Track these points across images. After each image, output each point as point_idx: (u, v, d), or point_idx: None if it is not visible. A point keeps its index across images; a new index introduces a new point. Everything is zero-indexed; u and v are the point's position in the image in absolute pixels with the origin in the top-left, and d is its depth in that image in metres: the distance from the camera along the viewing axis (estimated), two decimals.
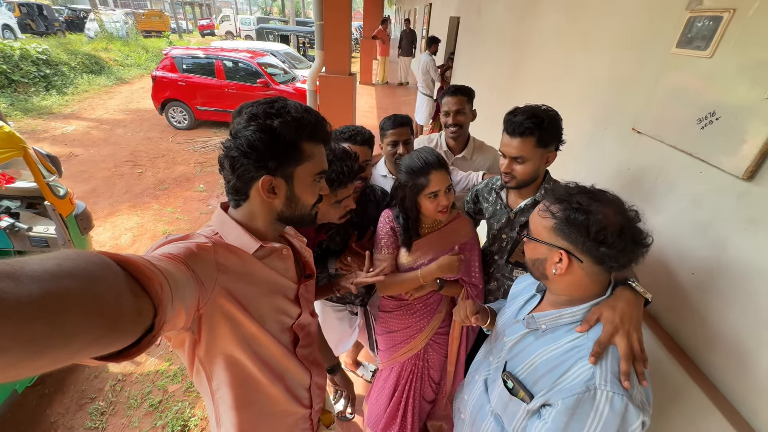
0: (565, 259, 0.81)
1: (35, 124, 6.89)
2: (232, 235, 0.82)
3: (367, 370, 2.40)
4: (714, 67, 1.11)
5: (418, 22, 12.18)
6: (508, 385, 0.88)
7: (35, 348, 0.33)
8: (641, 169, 1.42)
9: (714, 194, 1.11)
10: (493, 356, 1.04)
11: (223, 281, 0.75)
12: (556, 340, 0.85)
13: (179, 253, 0.66)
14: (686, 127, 1.19)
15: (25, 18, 14.58)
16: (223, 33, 22.40)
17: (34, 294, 0.33)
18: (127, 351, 0.46)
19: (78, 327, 0.37)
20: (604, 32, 1.77)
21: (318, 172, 0.85)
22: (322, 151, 0.86)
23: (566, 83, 2.09)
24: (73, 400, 2.20)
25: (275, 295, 0.89)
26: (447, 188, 1.27)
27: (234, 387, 0.86)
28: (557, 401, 0.76)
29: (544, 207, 0.86)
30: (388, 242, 1.39)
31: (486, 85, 3.76)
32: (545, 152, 1.27)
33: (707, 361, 1.10)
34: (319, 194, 0.88)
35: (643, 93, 1.43)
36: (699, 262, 1.14)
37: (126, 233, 3.88)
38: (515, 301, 1.09)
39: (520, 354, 0.91)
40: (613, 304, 0.83)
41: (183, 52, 6.92)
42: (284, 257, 0.92)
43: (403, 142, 1.69)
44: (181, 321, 0.62)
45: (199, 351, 0.80)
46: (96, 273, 0.41)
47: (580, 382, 0.75)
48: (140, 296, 0.46)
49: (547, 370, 0.82)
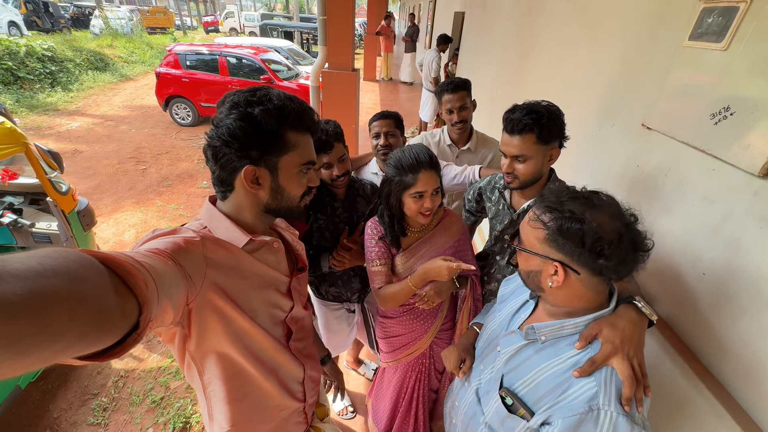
0: (560, 272, 0.75)
1: (40, 121, 6.92)
2: (220, 228, 0.81)
3: (369, 369, 2.39)
4: (728, 60, 1.07)
5: (423, 18, 12.08)
6: (506, 402, 0.83)
7: (19, 347, 0.33)
8: (650, 166, 1.38)
9: (727, 192, 1.07)
10: (485, 365, 0.97)
11: (213, 276, 0.74)
12: (558, 354, 0.79)
13: (166, 248, 0.64)
14: (699, 123, 1.15)
15: (31, 15, 14.65)
16: (227, 29, 22.38)
17: (17, 292, 0.32)
18: (111, 350, 0.45)
19: (62, 326, 0.36)
20: (612, 24, 1.72)
21: (304, 163, 0.81)
22: (309, 141, 0.82)
23: (573, 77, 2.04)
24: (76, 395, 2.21)
25: (267, 288, 0.88)
26: (434, 190, 1.20)
27: (226, 381, 0.85)
28: (557, 420, 0.72)
29: (534, 216, 0.80)
30: (378, 253, 1.32)
31: (491, 80, 3.71)
32: (547, 149, 1.21)
33: (719, 366, 1.07)
34: (307, 186, 0.85)
35: (653, 87, 1.38)
36: (710, 264, 1.10)
37: (129, 229, 3.89)
38: (506, 305, 1.04)
39: (518, 368, 0.85)
40: (615, 321, 0.78)
41: (187, 49, 6.90)
42: (275, 250, 0.90)
43: (384, 134, 1.66)
44: (168, 317, 0.61)
45: (189, 346, 0.79)
46: (79, 272, 0.40)
47: (583, 401, 0.71)
48: (124, 295, 0.46)
49: (550, 389, 0.76)
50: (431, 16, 9.95)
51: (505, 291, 1.11)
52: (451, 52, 6.56)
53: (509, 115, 1.20)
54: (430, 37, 9.72)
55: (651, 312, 0.82)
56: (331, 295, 1.70)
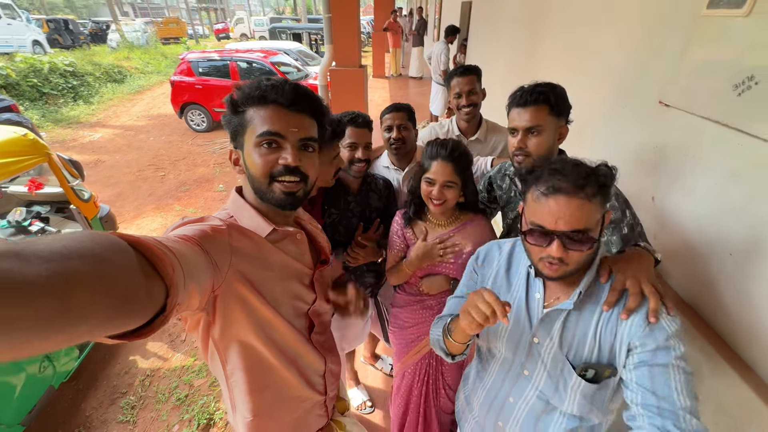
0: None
1: (65, 134, 7.22)
2: (245, 217, 0.82)
3: (386, 363, 2.38)
4: (751, 27, 1.01)
5: (431, 11, 11.94)
6: (588, 377, 0.80)
7: (44, 327, 0.33)
8: (669, 144, 1.32)
9: (754, 167, 1.00)
10: (529, 369, 0.90)
11: (237, 264, 0.75)
12: (598, 304, 0.82)
13: (194, 235, 0.66)
14: (720, 95, 1.09)
15: (53, 33, 15.32)
16: (237, 36, 22.76)
17: (42, 273, 0.33)
18: (140, 330, 0.46)
19: (87, 307, 0.36)
20: (626, 0, 1.64)
21: (258, 134, 0.74)
22: (272, 113, 0.75)
23: (586, 58, 1.97)
24: (106, 394, 2.30)
25: (290, 279, 0.88)
26: (447, 183, 1.23)
27: (248, 371, 0.86)
28: (635, 343, 0.76)
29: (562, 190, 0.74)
30: (395, 243, 1.43)
31: (502, 68, 3.63)
32: (558, 123, 1.17)
33: (750, 352, 1.01)
34: (280, 164, 0.76)
35: (670, 62, 1.32)
36: (737, 244, 1.04)
37: (151, 234, 4.00)
38: (505, 285, 0.96)
39: (574, 340, 0.83)
40: (621, 256, 0.87)
41: (199, 56, 7.06)
42: (298, 242, 0.91)
43: (397, 127, 1.64)
44: (195, 302, 0.62)
45: (213, 333, 0.80)
46: (104, 254, 0.40)
47: (641, 319, 0.77)
48: (152, 277, 0.47)
49: (614, 337, 0.79)
50: (438, 9, 9.82)
51: (486, 271, 1.01)
52: (459, 43, 6.46)
53: (518, 93, 1.18)
54: (438, 30, 9.59)
55: (654, 251, 0.90)
56: None
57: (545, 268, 0.79)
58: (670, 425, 0.67)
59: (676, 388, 0.70)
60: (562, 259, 0.75)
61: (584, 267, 0.80)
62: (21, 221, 2.42)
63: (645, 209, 1.36)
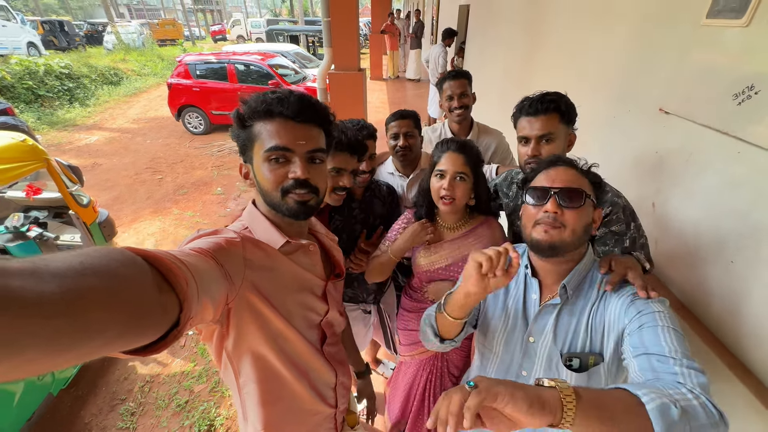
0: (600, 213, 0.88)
1: (61, 137, 7.17)
2: (260, 229, 0.83)
3: (388, 368, 2.39)
4: (751, 37, 1.02)
5: (427, 14, 11.98)
6: (574, 367, 0.83)
7: (57, 345, 0.33)
8: (670, 151, 1.33)
9: (754, 175, 1.02)
10: (526, 369, 0.92)
11: (251, 276, 0.76)
12: (588, 298, 0.85)
13: (208, 248, 0.66)
14: (720, 104, 1.10)
15: (48, 35, 15.21)
16: (234, 37, 22.71)
17: (56, 291, 0.33)
18: (154, 345, 0.46)
19: (100, 324, 0.36)
20: (625, 7, 1.66)
21: (267, 149, 0.75)
22: (279, 126, 0.75)
23: (584, 64, 1.99)
24: (105, 401, 2.28)
25: (302, 291, 0.89)
26: (457, 175, 1.20)
27: (261, 383, 0.86)
28: (624, 322, 0.78)
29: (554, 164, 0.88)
30: (392, 238, 1.38)
31: (499, 72, 3.65)
32: (568, 131, 1.20)
33: (752, 357, 1.02)
34: (290, 178, 0.77)
35: (670, 70, 1.33)
36: (738, 251, 1.06)
37: (149, 238, 3.99)
38: (499, 300, 0.99)
39: (568, 335, 0.85)
40: (614, 254, 0.94)
41: (196, 59, 7.04)
42: (311, 253, 0.91)
43: (404, 134, 1.64)
44: (209, 315, 0.62)
45: (227, 344, 0.80)
46: (119, 270, 0.40)
47: (627, 297, 0.81)
48: (166, 292, 0.47)
49: (603, 325, 0.82)
50: (436, 11, 9.86)
51: None
52: (457, 47, 6.49)
53: (526, 102, 1.19)
54: (435, 33, 9.63)
55: (644, 261, 1.00)
56: (347, 296, 1.71)
57: (541, 234, 0.81)
58: (668, 368, 0.67)
59: (666, 340, 0.71)
60: (557, 218, 0.80)
61: (576, 249, 0.84)
62: (19, 227, 2.41)
63: (646, 215, 1.37)
